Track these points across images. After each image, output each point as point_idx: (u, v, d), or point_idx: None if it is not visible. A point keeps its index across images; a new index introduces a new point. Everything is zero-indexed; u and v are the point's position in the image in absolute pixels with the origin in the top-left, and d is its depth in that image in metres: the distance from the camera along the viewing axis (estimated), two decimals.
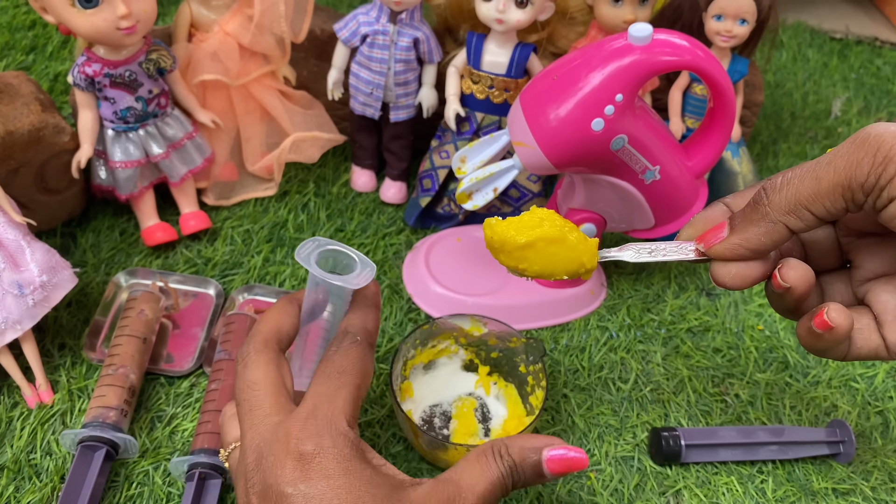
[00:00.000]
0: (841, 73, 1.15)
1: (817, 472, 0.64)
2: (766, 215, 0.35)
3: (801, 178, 0.33)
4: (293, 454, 0.35)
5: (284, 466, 0.35)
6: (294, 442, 0.35)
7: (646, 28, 0.57)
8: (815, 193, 0.33)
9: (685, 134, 0.80)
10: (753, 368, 0.71)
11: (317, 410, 0.37)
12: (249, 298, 0.72)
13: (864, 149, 0.31)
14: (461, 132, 0.77)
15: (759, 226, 0.35)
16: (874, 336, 0.37)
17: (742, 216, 0.36)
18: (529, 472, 0.37)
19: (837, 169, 0.32)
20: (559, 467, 0.37)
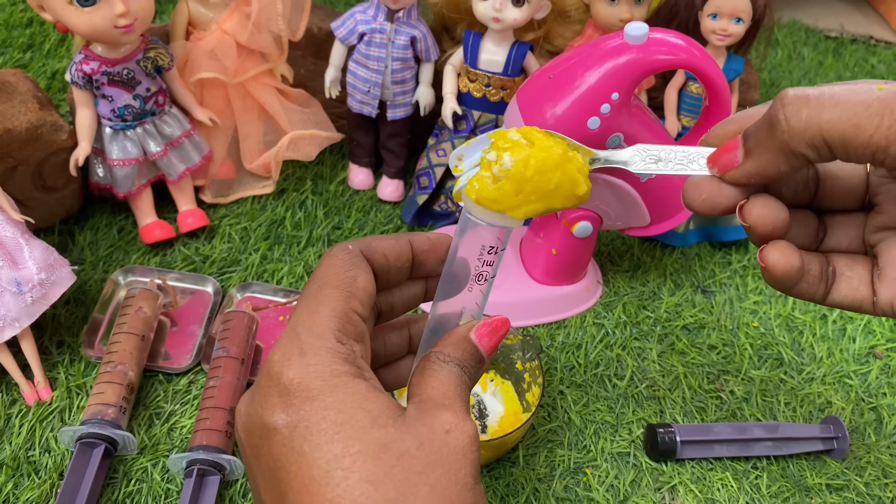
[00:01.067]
0: (836, 72, 1.16)
1: (811, 468, 0.64)
2: (785, 143, 0.31)
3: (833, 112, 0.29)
4: (275, 382, 0.31)
5: (269, 397, 0.31)
6: (276, 368, 0.31)
7: (642, 27, 0.57)
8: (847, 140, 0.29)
9: (681, 132, 0.81)
10: (748, 365, 0.72)
11: (296, 329, 0.32)
12: (247, 296, 0.72)
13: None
14: (458, 130, 0.78)
15: (776, 153, 0.31)
16: (863, 288, 0.35)
17: (757, 138, 0.32)
18: (472, 360, 0.35)
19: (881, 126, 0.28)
20: (490, 339, 0.36)
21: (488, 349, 0.36)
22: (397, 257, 0.36)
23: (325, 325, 0.32)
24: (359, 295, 0.33)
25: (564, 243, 0.71)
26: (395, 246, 0.36)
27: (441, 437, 0.31)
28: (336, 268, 0.34)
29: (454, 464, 0.30)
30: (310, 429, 0.30)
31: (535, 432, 0.65)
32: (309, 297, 0.33)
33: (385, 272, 0.36)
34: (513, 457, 0.63)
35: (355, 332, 0.33)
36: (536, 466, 0.62)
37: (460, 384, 0.34)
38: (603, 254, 0.82)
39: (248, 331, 0.65)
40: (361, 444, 0.29)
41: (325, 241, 0.79)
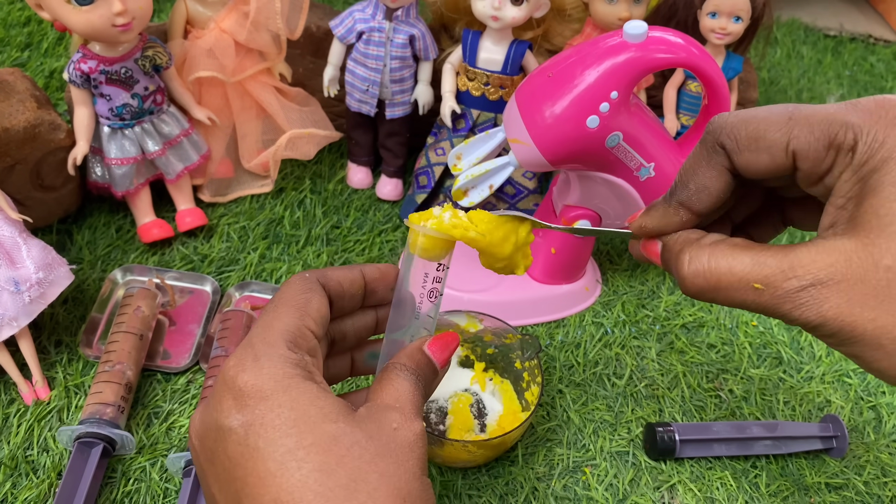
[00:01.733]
0: (835, 71, 1.16)
1: (810, 467, 0.64)
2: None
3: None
4: (231, 387, 0.33)
5: (224, 401, 0.33)
6: (231, 374, 0.33)
7: (641, 26, 0.57)
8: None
9: (680, 131, 0.81)
10: (747, 364, 0.72)
11: (251, 340, 0.34)
12: (246, 295, 0.72)
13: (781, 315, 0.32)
14: (457, 129, 0.78)
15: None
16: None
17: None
18: (426, 370, 0.38)
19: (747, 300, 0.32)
20: (441, 352, 0.39)
21: (441, 362, 0.39)
22: (350, 284, 0.40)
23: (278, 336, 0.34)
24: (312, 314, 0.36)
25: (563, 242, 0.71)
26: (348, 274, 0.40)
27: (389, 433, 0.33)
28: (292, 291, 0.37)
29: (401, 455, 0.32)
30: (264, 426, 0.31)
31: (534, 431, 0.65)
32: (265, 315, 0.36)
33: (340, 298, 0.39)
34: (512, 456, 0.63)
35: (307, 346, 0.35)
36: (535, 465, 0.62)
37: (413, 390, 0.36)
38: (602, 253, 0.82)
39: (247, 330, 0.65)
40: (314, 437, 0.31)
41: (324, 240, 0.79)
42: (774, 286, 0.31)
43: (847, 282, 0.29)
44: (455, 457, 0.59)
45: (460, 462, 0.60)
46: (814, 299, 0.30)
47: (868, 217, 0.29)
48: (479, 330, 0.65)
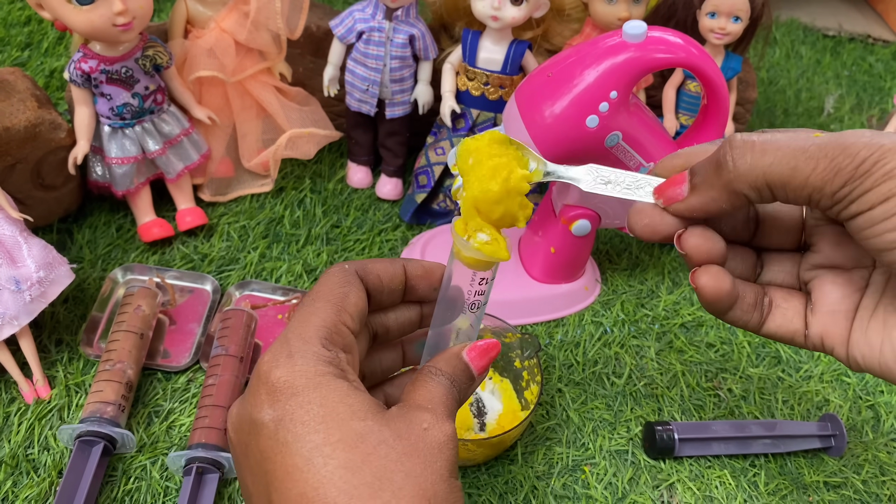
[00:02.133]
0: (833, 70, 1.16)
1: (809, 466, 0.64)
2: (730, 183, 0.33)
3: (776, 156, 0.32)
4: (265, 382, 0.33)
5: (258, 395, 0.33)
6: (265, 369, 0.33)
7: (640, 25, 0.57)
8: (786, 182, 0.32)
9: (679, 131, 0.81)
10: (746, 363, 0.72)
11: (287, 335, 0.35)
12: (246, 294, 0.72)
13: (848, 156, 0.30)
14: (457, 129, 0.78)
15: (720, 192, 0.34)
16: (797, 320, 0.37)
17: (704, 176, 0.34)
18: (463, 377, 0.37)
19: (817, 169, 0.31)
20: (480, 360, 0.38)
21: (479, 369, 0.38)
22: (391, 279, 0.39)
23: (313, 333, 0.34)
24: (349, 309, 0.36)
25: (563, 242, 0.71)
26: (389, 268, 0.39)
27: (418, 433, 0.32)
28: (331, 284, 0.37)
29: (430, 456, 0.32)
30: (294, 421, 0.32)
31: (534, 430, 0.65)
32: (303, 308, 0.36)
33: (378, 292, 0.39)
34: (511, 454, 0.63)
35: (343, 342, 0.35)
36: (535, 464, 0.63)
37: (447, 395, 0.36)
38: (601, 252, 0.82)
39: (247, 329, 0.65)
40: (341, 433, 0.31)
41: (324, 240, 0.79)
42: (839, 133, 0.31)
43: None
44: None
45: (460, 461, 0.61)
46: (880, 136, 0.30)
47: None
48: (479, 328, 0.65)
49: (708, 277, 0.35)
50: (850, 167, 0.30)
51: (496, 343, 0.39)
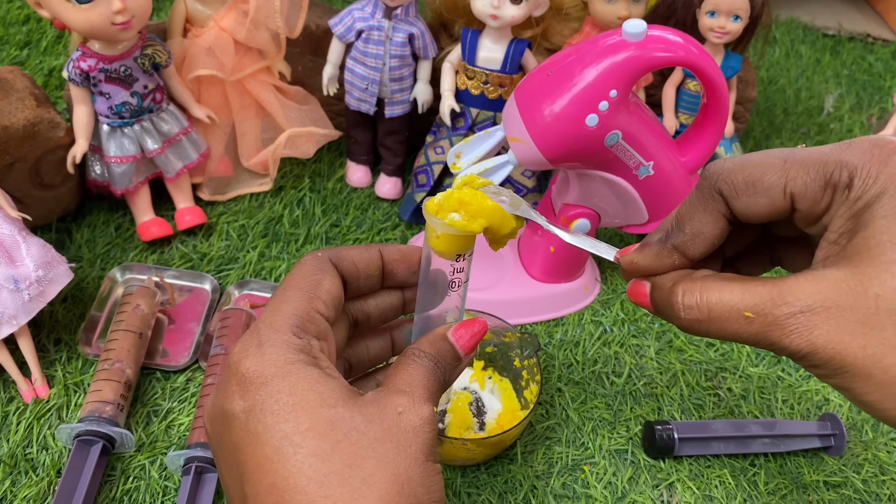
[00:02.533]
0: (833, 70, 1.16)
1: (809, 465, 0.64)
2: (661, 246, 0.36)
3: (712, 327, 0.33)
4: (234, 373, 0.33)
5: (229, 387, 0.33)
6: (235, 360, 0.33)
7: (640, 24, 0.57)
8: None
9: (679, 130, 0.81)
10: (746, 363, 0.72)
11: (258, 325, 0.34)
12: (245, 293, 0.72)
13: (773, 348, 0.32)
14: (456, 128, 0.78)
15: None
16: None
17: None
18: (448, 358, 0.37)
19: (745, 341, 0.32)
20: (467, 339, 0.38)
21: (465, 349, 0.38)
22: (366, 265, 0.39)
23: (284, 321, 0.34)
24: (322, 297, 0.36)
25: (563, 241, 0.71)
26: (364, 254, 0.39)
27: (392, 417, 0.32)
28: (303, 272, 0.36)
29: (403, 440, 0.32)
30: (263, 411, 0.31)
31: (533, 429, 0.65)
32: (274, 298, 0.36)
33: (355, 279, 0.39)
34: (511, 454, 0.63)
35: (316, 330, 0.35)
36: (534, 463, 0.62)
37: (428, 376, 0.35)
38: None
39: (246, 329, 0.65)
40: (311, 422, 0.31)
41: (323, 239, 0.79)
42: (764, 314, 0.31)
43: (837, 309, 0.29)
44: (454, 455, 0.59)
45: (459, 460, 0.61)
46: (803, 326, 0.30)
47: (859, 248, 0.30)
48: None
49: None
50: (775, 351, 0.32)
51: (483, 322, 0.39)
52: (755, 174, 0.32)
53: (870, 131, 1.03)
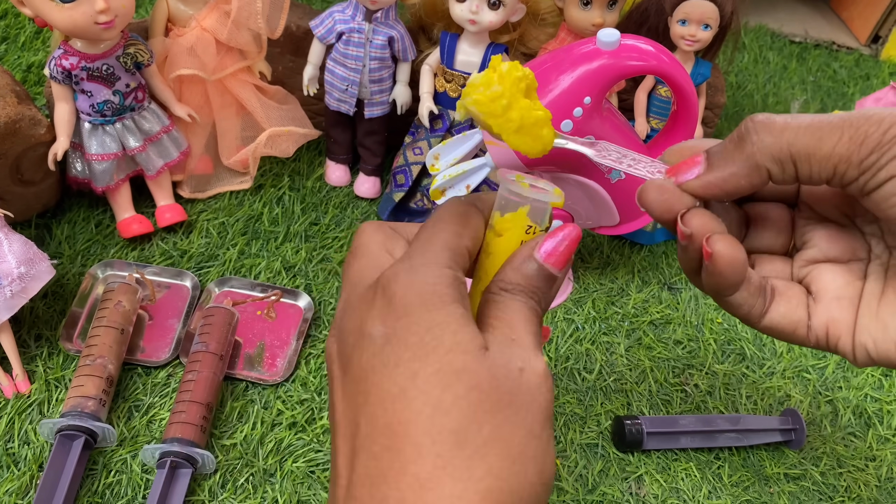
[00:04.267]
0: (799, 76, 1.19)
1: (770, 458, 0.67)
2: (752, 156, 0.32)
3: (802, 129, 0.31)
4: (383, 293, 0.31)
5: (373, 307, 0.31)
6: (385, 280, 0.31)
7: (614, 34, 0.59)
8: (811, 153, 0.31)
9: (650, 134, 0.83)
10: (712, 360, 0.74)
11: (411, 252, 0.32)
12: (225, 290, 0.73)
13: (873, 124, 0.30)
14: (434, 129, 0.79)
15: (741, 166, 0.32)
16: (800, 309, 0.35)
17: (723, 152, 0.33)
18: (538, 281, 0.33)
19: (843, 137, 0.30)
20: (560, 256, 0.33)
21: (559, 265, 0.33)
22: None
23: (439, 249, 0.32)
24: (470, 232, 0.33)
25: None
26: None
27: (514, 376, 0.30)
28: (451, 207, 0.34)
29: (522, 407, 0.29)
30: (400, 343, 0.29)
31: None
32: (423, 232, 0.33)
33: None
34: None
35: (464, 265, 0.32)
36: None
37: (528, 316, 0.32)
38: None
39: (228, 327, 0.66)
40: (439, 365, 0.29)
41: (303, 237, 0.80)
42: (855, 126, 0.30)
43: None
44: None
45: None
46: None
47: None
48: None
49: (724, 244, 0.33)
50: (876, 134, 0.30)
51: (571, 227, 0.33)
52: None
53: None
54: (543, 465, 0.29)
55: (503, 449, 0.28)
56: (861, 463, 0.68)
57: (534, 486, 0.29)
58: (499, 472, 0.28)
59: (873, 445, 0.69)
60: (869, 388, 0.74)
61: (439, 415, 0.28)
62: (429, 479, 0.27)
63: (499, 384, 0.29)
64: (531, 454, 0.29)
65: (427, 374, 0.29)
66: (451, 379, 0.29)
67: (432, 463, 0.27)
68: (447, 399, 0.28)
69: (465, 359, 0.29)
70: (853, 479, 0.66)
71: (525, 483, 0.28)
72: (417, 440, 0.28)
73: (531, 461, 0.29)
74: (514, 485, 0.28)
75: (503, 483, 0.28)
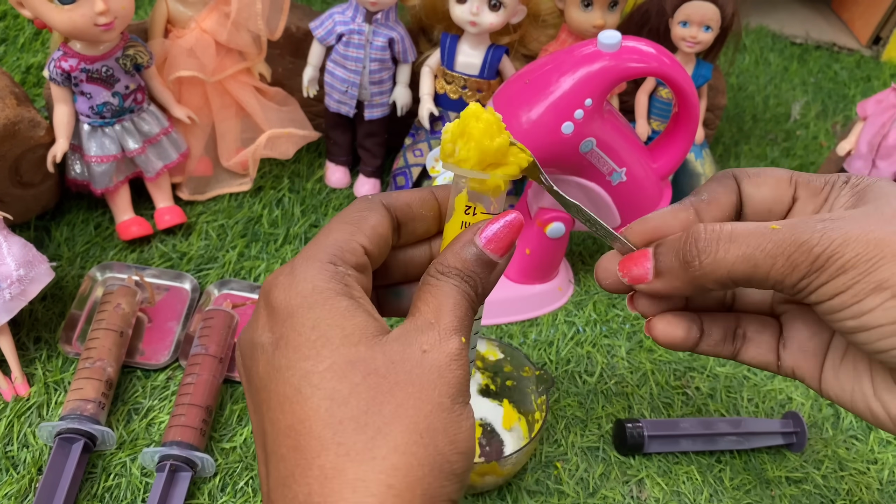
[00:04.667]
0: (800, 77, 1.19)
1: (772, 462, 0.67)
2: (695, 279, 0.34)
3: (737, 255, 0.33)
4: (264, 302, 0.31)
5: (259, 317, 0.31)
6: (266, 289, 0.31)
7: (615, 35, 0.59)
8: (749, 276, 0.33)
9: (651, 136, 0.83)
10: (713, 362, 0.74)
11: (296, 257, 0.32)
12: (225, 293, 0.73)
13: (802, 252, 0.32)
14: (434, 131, 0.79)
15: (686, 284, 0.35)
16: (770, 354, 0.39)
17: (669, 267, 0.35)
18: (479, 267, 0.33)
19: (776, 266, 0.32)
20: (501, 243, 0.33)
21: (499, 250, 0.33)
22: (421, 204, 0.36)
23: (321, 250, 0.32)
24: (366, 231, 0.33)
25: (538, 243, 0.73)
26: (417, 194, 0.36)
27: (416, 357, 0.30)
28: (351, 209, 0.34)
29: (426, 383, 0.29)
30: (288, 345, 0.30)
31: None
32: (319, 233, 0.34)
33: (410, 219, 0.36)
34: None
35: (355, 261, 0.32)
36: None
37: (457, 299, 0.32)
38: (574, 254, 0.84)
39: (228, 329, 0.66)
40: (331, 360, 0.29)
41: (302, 239, 0.80)
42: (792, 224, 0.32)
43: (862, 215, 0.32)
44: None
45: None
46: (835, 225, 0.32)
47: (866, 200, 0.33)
48: (498, 359, 0.65)
49: (663, 325, 0.37)
50: (805, 263, 0.32)
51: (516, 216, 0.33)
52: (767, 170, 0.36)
53: (834, 138, 1.06)
54: (456, 435, 0.29)
55: (408, 425, 0.28)
56: (863, 466, 0.67)
57: (445, 455, 0.29)
58: (405, 447, 0.28)
59: (875, 448, 0.69)
60: None
61: (336, 406, 0.28)
62: (332, 469, 0.28)
63: (397, 367, 0.29)
64: (440, 426, 0.29)
65: (319, 370, 0.29)
66: (346, 370, 0.29)
67: (335, 452, 0.28)
68: (343, 389, 0.29)
69: (356, 349, 0.29)
70: (855, 483, 0.66)
71: (435, 454, 0.29)
72: (319, 434, 0.28)
73: (441, 433, 0.29)
74: (424, 457, 0.28)
75: (410, 457, 0.28)
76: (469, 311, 0.32)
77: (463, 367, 0.31)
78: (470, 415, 0.30)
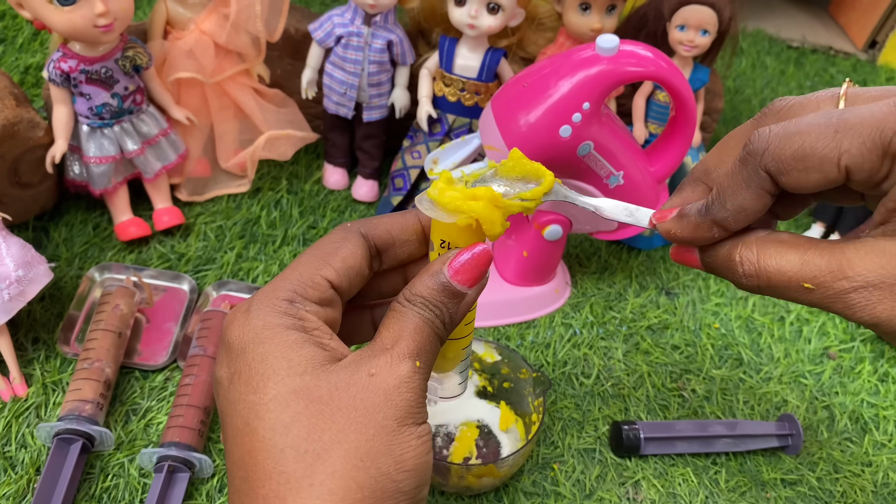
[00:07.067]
0: (797, 81, 1.19)
1: (767, 464, 0.67)
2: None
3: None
4: (224, 340, 0.32)
5: (219, 354, 0.33)
6: (224, 326, 0.33)
7: (613, 39, 0.60)
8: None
9: (648, 139, 0.83)
10: (709, 365, 0.74)
11: (255, 294, 0.33)
12: (223, 294, 0.73)
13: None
14: (433, 133, 0.79)
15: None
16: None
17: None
18: (446, 297, 0.33)
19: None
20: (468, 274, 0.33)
21: (467, 281, 0.33)
22: (401, 230, 0.36)
23: (280, 287, 0.32)
24: (335, 264, 0.33)
25: (535, 246, 0.73)
26: (398, 220, 0.36)
27: (362, 383, 0.30)
28: (324, 241, 0.35)
29: (371, 408, 0.30)
30: (240, 380, 0.31)
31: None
32: (288, 266, 0.34)
33: (390, 245, 0.36)
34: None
35: (318, 296, 0.33)
36: None
37: (419, 326, 0.32)
38: (572, 256, 0.84)
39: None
40: (275, 392, 0.30)
41: (301, 241, 0.80)
42: (825, 287, 0.30)
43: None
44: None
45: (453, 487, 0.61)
46: (866, 300, 0.29)
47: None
48: (496, 361, 0.66)
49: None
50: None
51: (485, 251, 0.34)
52: (805, 148, 0.30)
53: None
54: (402, 455, 0.30)
55: (348, 449, 0.29)
56: (857, 468, 0.68)
57: (390, 475, 0.29)
58: (343, 471, 0.29)
59: (869, 451, 0.69)
60: (865, 394, 0.74)
61: (278, 435, 0.29)
62: (274, 498, 0.29)
63: (340, 393, 0.30)
64: (383, 448, 0.29)
65: (265, 402, 0.30)
66: (290, 399, 0.30)
67: (276, 481, 0.29)
68: (285, 418, 0.29)
69: (301, 379, 0.30)
70: (849, 485, 0.66)
71: (378, 475, 0.29)
72: (263, 464, 0.29)
73: (383, 455, 0.29)
74: (363, 480, 0.29)
75: (349, 481, 0.29)
76: (431, 338, 0.33)
77: (414, 389, 0.31)
78: (423, 433, 0.31)
